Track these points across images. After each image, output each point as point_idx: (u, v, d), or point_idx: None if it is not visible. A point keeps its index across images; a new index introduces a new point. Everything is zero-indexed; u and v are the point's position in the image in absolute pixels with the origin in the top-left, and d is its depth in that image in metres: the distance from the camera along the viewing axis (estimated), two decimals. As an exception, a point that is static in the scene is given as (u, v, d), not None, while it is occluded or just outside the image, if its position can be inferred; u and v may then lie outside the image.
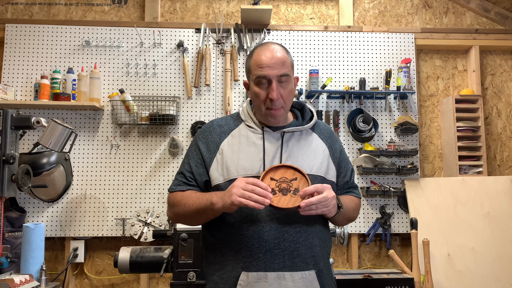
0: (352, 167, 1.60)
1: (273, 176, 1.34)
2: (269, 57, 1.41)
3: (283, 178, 1.34)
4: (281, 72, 1.41)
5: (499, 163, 3.16)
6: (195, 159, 1.48)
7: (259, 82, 1.42)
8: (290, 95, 1.45)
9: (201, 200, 1.38)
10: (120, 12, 3.11)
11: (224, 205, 1.30)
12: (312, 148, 1.48)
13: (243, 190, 1.27)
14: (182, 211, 1.44)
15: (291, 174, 1.35)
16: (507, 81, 3.22)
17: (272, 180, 1.33)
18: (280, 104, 1.42)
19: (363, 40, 3.08)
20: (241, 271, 1.35)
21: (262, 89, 1.42)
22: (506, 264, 2.74)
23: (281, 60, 1.42)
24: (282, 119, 1.48)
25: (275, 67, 1.40)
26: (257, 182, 1.28)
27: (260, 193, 1.26)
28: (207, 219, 1.43)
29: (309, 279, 1.35)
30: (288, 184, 1.34)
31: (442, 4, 3.24)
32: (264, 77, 1.40)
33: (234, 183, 1.30)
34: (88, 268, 2.91)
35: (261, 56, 1.42)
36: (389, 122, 3.03)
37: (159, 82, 2.96)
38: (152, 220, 2.81)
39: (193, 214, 1.41)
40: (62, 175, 2.73)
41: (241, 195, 1.26)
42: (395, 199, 2.97)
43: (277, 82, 1.41)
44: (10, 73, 2.90)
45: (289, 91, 1.44)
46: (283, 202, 1.31)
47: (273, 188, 1.32)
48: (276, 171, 1.35)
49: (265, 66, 1.40)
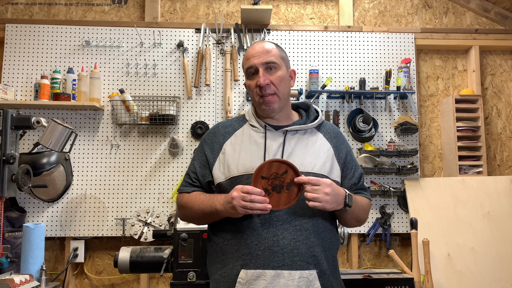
0: (361, 171, 1.58)
1: (263, 174, 1.34)
2: (256, 49, 1.48)
3: (274, 174, 1.34)
4: (266, 60, 1.45)
5: (499, 163, 3.16)
6: (199, 161, 1.54)
7: (249, 73, 1.48)
8: (281, 81, 1.47)
9: (205, 206, 1.43)
10: (120, 12, 3.11)
11: (228, 213, 1.36)
12: (316, 147, 1.48)
13: (243, 201, 1.29)
14: (190, 213, 1.51)
15: (280, 168, 1.35)
16: (507, 81, 3.22)
17: (263, 179, 1.34)
18: (271, 90, 1.45)
19: (363, 40, 3.08)
20: (241, 269, 1.35)
21: (252, 80, 1.47)
22: (506, 264, 2.75)
23: (266, 49, 1.47)
24: (278, 108, 1.48)
25: (260, 56, 1.46)
26: (252, 190, 1.30)
27: (259, 201, 1.29)
28: (214, 220, 1.48)
29: (309, 279, 1.33)
30: (280, 179, 1.34)
31: (442, 4, 3.25)
32: (251, 67, 1.46)
33: (232, 194, 1.32)
34: (88, 268, 2.91)
35: (249, 50, 1.51)
36: (389, 122, 3.03)
37: (159, 82, 2.96)
38: (152, 220, 2.81)
39: (200, 217, 1.48)
40: (62, 175, 2.73)
41: (243, 207, 1.29)
42: (395, 199, 2.97)
43: (265, 70, 1.45)
44: (10, 73, 2.90)
45: (278, 77, 1.46)
46: (282, 202, 1.32)
47: (267, 188, 1.32)
48: (265, 168, 1.35)
49: (251, 56, 1.47)
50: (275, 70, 1.46)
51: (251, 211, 1.29)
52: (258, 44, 1.50)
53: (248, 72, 1.48)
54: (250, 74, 1.48)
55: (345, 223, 1.52)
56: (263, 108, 1.48)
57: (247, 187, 1.31)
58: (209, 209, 1.41)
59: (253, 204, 1.28)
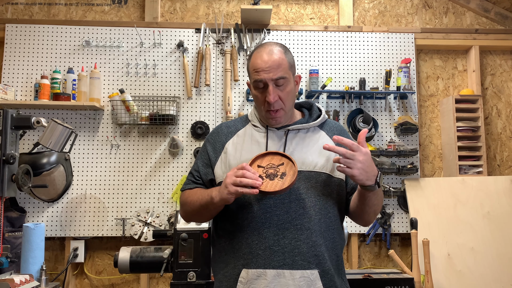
0: None
1: (260, 163, 1.36)
2: (265, 61, 1.42)
3: (270, 164, 1.36)
4: (277, 76, 1.41)
5: (499, 163, 3.16)
6: (202, 160, 1.55)
7: (257, 86, 1.45)
8: (289, 96, 1.45)
9: (203, 196, 1.42)
10: (120, 12, 3.11)
11: (222, 196, 1.32)
12: (318, 146, 1.47)
13: (235, 177, 1.29)
14: (190, 208, 1.49)
15: (277, 160, 1.36)
16: (507, 81, 3.22)
17: (259, 167, 1.35)
18: (278, 106, 1.43)
19: (363, 40, 3.08)
20: (242, 268, 1.36)
21: (259, 93, 1.45)
22: (506, 264, 2.74)
23: (276, 62, 1.42)
24: (283, 120, 1.49)
25: (270, 71, 1.41)
26: (245, 166, 1.30)
27: (250, 177, 1.28)
28: (211, 214, 1.46)
29: (310, 278, 1.33)
30: (275, 169, 1.35)
31: (442, 4, 3.25)
32: (260, 81, 1.42)
33: (227, 174, 1.33)
34: (88, 268, 2.91)
35: (257, 59, 1.44)
36: (389, 122, 3.03)
37: (159, 82, 2.96)
38: (152, 220, 2.81)
39: (199, 210, 1.46)
40: (62, 175, 2.73)
41: (233, 182, 1.28)
42: (395, 199, 2.97)
43: (274, 85, 1.41)
44: (10, 73, 2.90)
45: (287, 92, 1.44)
46: (271, 186, 1.31)
47: (260, 175, 1.32)
48: (263, 158, 1.37)
49: (260, 70, 1.42)
50: (285, 86, 1.43)
51: (240, 189, 1.27)
52: (267, 53, 1.43)
53: (256, 84, 1.44)
54: (258, 87, 1.44)
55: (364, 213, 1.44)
56: (269, 121, 1.48)
57: (241, 164, 1.32)
58: (205, 198, 1.40)
59: (243, 178, 1.27)
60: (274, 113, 1.44)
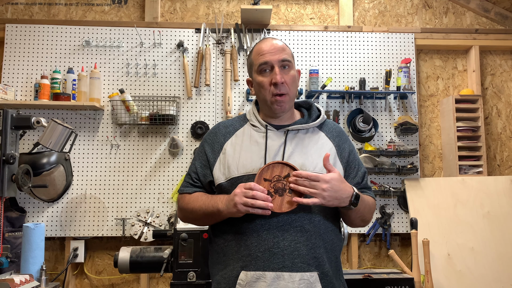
0: (365, 169, 1.54)
1: (266, 176, 1.33)
2: (269, 45, 1.45)
3: (276, 176, 1.34)
4: (282, 57, 1.43)
5: (499, 163, 3.16)
6: (200, 161, 1.52)
7: (262, 70, 1.44)
8: (293, 82, 1.46)
9: (207, 206, 1.41)
10: (120, 12, 3.11)
11: (230, 211, 1.33)
12: (317, 147, 1.46)
13: (244, 197, 1.28)
14: (192, 216, 1.49)
15: (283, 170, 1.34)
16: (507, 81, 3.22)
17: (265, 181, 1.33)
18: (284, 90, 1.43)
19: (363, 40, 3.08)
20: (241, 270, 1.34)
21: (265, 77, 1.44)
22: (506, 264, 2.75)
23: (281, 47, 1.45)
24: (287, 107, 1.47)
25: (276, 53, 1.43)
26: (254, 186, 1.29)
27: (261, 198, 1.27)
28: (215, 221, 1.46)
29: (310, 281, 1.31)
30: (282, 183, 1.33)
31: (442, 4, 3.25)
32: (266, 63, 1.43)
33: (235, 191, 1.31)
34: (88, 268, 2.91)
35: (261, 46, 1.47)
36: (389, 122, 3.03)
37: (159, 82, 2.96)
38: (152, 220, 2.81)
39: (201, 218, 1.46)
40: (62, 175, 2.73)
41: (244, 203, 1.28)
42: (395, 199, 2.97)
43: (280, 68, 1.42)
44: (10, 73, 2.90)
45: (291, 77, 1.45)
46: (285, 206, 1.31)
47: (269, 191, 1.31)
48: (268, 170, 1.35)
49: (266, 52, 1.44)
50: (289, 69, 1.45)
51: (252, 209, 1.27)
52: (269, 40, 1.47)
53: (261, 68, 1.44)
54: (263, 70, 1.44)
55: (349, 222, 1.49)
56: (274, 108, 1.45)
57: (249, 183, 1.30)
58: (211, 209, 1.39)
59: (255, 201, 1.26)
60: (280, 97, 1.43)
